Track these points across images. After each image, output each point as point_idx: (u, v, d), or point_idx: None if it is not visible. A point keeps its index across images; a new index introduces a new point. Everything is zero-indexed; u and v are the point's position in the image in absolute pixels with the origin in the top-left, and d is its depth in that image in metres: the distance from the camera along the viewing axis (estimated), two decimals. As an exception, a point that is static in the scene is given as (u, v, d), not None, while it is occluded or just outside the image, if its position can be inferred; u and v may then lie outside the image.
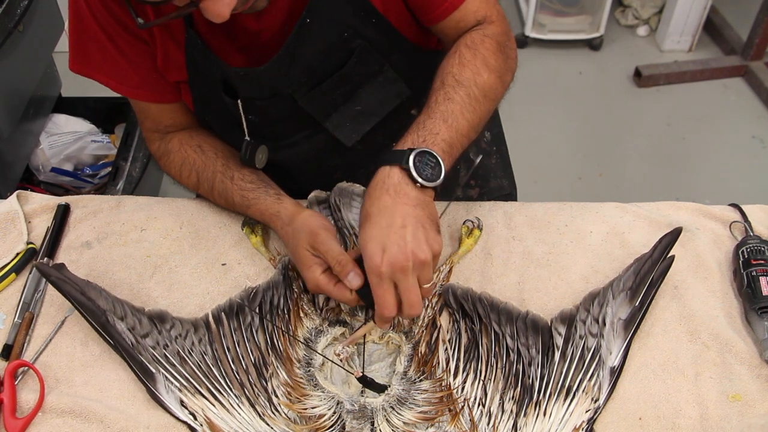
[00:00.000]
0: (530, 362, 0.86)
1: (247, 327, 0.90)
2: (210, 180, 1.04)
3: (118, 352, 0.87)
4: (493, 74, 0.93)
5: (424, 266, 0.80)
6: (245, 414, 0.82)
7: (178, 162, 1.08)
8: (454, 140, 0.88)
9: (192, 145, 1.07)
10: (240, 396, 0.83)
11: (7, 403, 0.85)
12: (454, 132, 0.88)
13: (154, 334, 0.89)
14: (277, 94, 1.00)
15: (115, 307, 0.90)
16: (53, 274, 0.92)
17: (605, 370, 0.85)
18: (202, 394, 0.83)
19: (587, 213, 1.06)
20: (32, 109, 1.86)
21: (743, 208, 1.04)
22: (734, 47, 2.87)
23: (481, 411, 0.82)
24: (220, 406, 0.82)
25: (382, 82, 1.02)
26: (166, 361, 0.86)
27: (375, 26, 0.97)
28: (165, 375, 0.85)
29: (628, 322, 0.88)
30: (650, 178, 2.50)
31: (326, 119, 1.03)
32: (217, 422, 0.81)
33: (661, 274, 0.92)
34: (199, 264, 1.02)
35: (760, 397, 0.84)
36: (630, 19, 3.10)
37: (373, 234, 0.81)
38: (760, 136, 2.63)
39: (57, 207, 1.09)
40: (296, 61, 0.96)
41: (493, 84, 0.93)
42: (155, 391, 0.84)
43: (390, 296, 0.80)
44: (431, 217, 0.82)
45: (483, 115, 0.92)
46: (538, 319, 0.90)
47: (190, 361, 0.86)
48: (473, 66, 0.92)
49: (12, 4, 1.66)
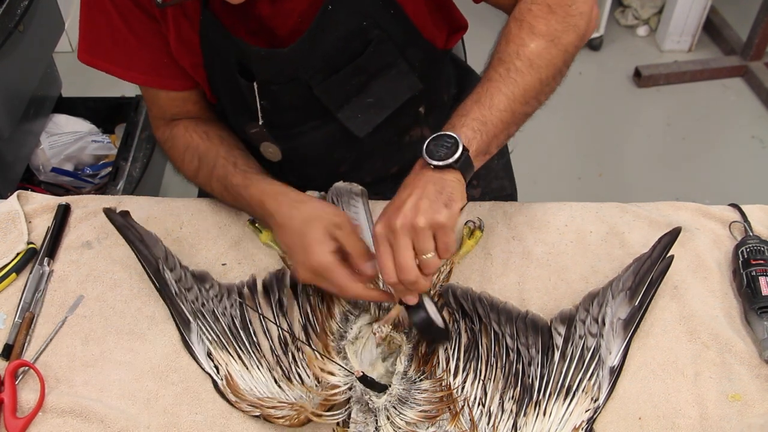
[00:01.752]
0: (530, 362, 0.86)
1: (276, 303, 0.94)
2: (211, 164, 1.03)
3: (163, 298, 0.95)
4: (542, 40, 0.90)
5: (417, 232, 0.79)
6: (262, 376, 0.87)
7: (181, 146, 1.07)
8: (488, 117, 0.87)
9: (198, 131, 1.07)
10: (260, 359, 0.88)
11: (7, 403, 0.85)
12: (487, 109, 0.87)
13: (195, 290, 0.96)
14: (294, 80, 1.00)
15: (168, 258, 0.99)
16: (118, 220, 1.03)
17: (605, 369, 0.85)
18: (228, 351, 0.89)
19: (587, 213, 1.06)
20: (32, 109, 1.86)
21: (743, 208, 1.04)
22: (734, 47, 2.87)
23: (480, 411, 0.82)
24: (242, 364, 0.88)
25: (396, 74, 1.02)
26: (201, 316, 0.92)
27: (393, 18, 0.98)
28: (199, 327, 0.92)
29: (627, 321, 0.88)
30: (650, 178, 2.49)
31: (339, 109, 1.03)
32: (236, 378, 0.86)
33: (661, 273, 0.92)
34: (199, 264, 1.02)
35: (760, 397, 0.84)
36: (630, 19, 3.09)
37: (386, 207, 0.83)
38: (760, 136, 2.63)
39: (57, 207, 1.09)
40: (316, 47, 0.96)
41: (541, 50, 0.90)
42: (188, 339, 0.91)
43: (386, 259, 0.81)
44: (441, 191, 0.81)
45: (530, 85, 0.89)
46: (537, 319, 0.90)
47: (221, 320, 0.92)
48: (518, 39, 0.90)
49: (12, 4, 1.66)
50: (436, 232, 0.80)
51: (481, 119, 0.87)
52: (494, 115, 0.87)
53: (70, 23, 2.76)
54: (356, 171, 1.13)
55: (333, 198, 1.06)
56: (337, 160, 1.12)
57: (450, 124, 0.87)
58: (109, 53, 1.02)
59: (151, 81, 1.06)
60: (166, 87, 1.07)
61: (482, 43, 1.11)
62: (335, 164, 1.12)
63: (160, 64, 1.03)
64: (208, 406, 0.86)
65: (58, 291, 1.00)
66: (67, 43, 2.86)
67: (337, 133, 1.06)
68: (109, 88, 2.57)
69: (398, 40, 1.00)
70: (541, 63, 0.89)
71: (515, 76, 0.89)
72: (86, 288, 1.00)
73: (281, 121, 1.06)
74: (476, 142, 0.85)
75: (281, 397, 0.85)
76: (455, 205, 0.81)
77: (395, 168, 1.16)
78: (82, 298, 0.98)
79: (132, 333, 0.94)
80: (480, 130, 0.86)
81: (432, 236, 0.80)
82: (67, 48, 2.88)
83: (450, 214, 0.80)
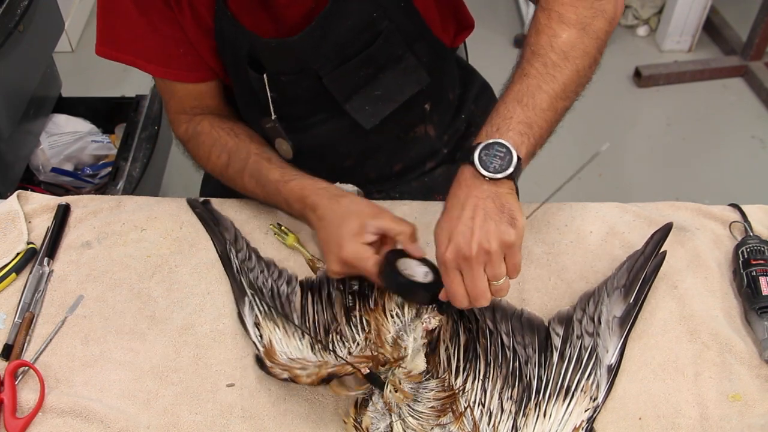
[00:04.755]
0: (527, 361, 0.86)
1: (326, 297, 0.96)
2: (243, 160, 1.03)
3: (226, 272, 1.00)
4: (573, 29, 0.88)
5: (491, 257, 0.78)
6: (299, 343, 0.90)
7: (209, 143, 1.07)
8: (533, 119, 0.84)
9: (224, 128, 1.07)
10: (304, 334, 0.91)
11: (7, 403, 0.85)
12: (531, 110, 0.84)
13: (256, 271, 1.00)
14: (304, 70, 1.00)
15: (237, 241, 1.04)
16: (198, 207, 1.09)
17: (602, 368, 0.85)
18: (275, 322, 0.92)
19: (587, 213, 1.06)
20: (32, 109, 1.86)
21: (743, 208, 1.04)
22: (734, 47, 2.87)
23: (481, 410, 0.82)
24: (284, 334, 0.91)
25: (404, 68, 1.02)
26: (258, 291, 0.96)
27: (403, 10, 0.98)
28: (252, 300, 0.94)
29: (623, 319, 0.88)
30: (650, 178, 2.49)
31: (347, 101, 1.03)
32: (276, 345, 0.89)
33: (654, 270, 0.92)
34: (199, 264, 1.02)
35: (760, 397, 0.84)
36: (630, 19, 3.09)
37: (443, 225, 0.82)
38: (760, 136, 2.63)
39: (57, 207, 1.09)
40: (327, 36, 0.96)
41: (574, 40, 0.87)
42: (240, 310, 0.94)
43: (457, 286, 0.80)
44: (502, 209, 0.80)
45: (569, 78, 0.87)
46: (533, 318, 0.91)
47: (276, 300, 0.96)
48: (549, 29, 0.88)
49: (12, 4, 1.66)
50: (506, 253, 0.79)
51: (527, 121, 0.83)
52: (539, 116, 0.84)
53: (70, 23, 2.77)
54: (360, 166, 1.13)
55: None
56: (343, 155, 1.12)
57: (493, 126, 0.84)
58: (127, 45, 1.02)
59: (170, 74, 1.05)
60: (182, 79, 1.06)
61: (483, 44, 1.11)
62: (341, 158, 1.12)
63: (176, 55, 1.03)
64: (208, 406, 0.86)
65: (57, 291, 1.00)
66: (67, 43, 2.87)
67: (344, 126, 1.06)
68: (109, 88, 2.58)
69: (407, 34, 1.00)
70: (576, 54, 0.87)
71: (553, 71, 0.86)
72: (86, 288, 1.00)
73: (290, 114, 1.06)
74: (525, 147, 0.83)
75: (311, 360, 0.86)
76: (519, 221, 0.79)
77: (399, 165, 1.16)
78: (81, 298, 0.98)
79: (132, 333, 0.94)
80: (527, 133, 0.83)
81: (503, 258, 0.79)
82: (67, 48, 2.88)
83: (517, 233, 0.78)
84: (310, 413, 0.85)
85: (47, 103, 2.00)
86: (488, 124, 0.84)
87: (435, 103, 1.12)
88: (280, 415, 0.85)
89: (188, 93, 1.09)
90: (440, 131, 1.16)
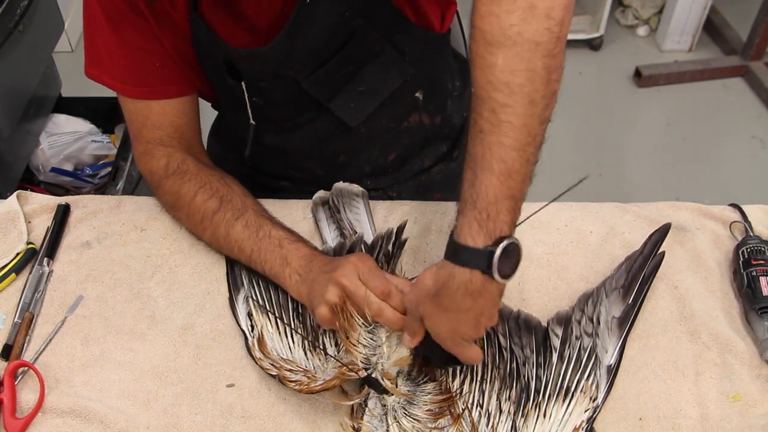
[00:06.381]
0: (524, 362, 0.86)
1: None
2: (238, 210, 0.98)
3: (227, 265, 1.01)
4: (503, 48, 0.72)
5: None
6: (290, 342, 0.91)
7: (195, 184, 1.00)
8: (512, 184, 0.74)
9: (214, 174, 1.02)
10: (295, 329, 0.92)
11: (7, 403, 0.85)
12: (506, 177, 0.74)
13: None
14: (280, 76, 0.99)
15: None
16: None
17: (602, 368, 0.85)
18: (268, 316, 0.93)
19: (587, 213, 1.06)
20: (32, 109, 1.86)
21: (743, 208, 1.03)
22: (734, 47, 2.87)
23: (479, 412, 0.82)
24: (275, 329, 0.92)
25: (385, 62, 1.01)
26: (256, 284, 0.97)
27: (374, 4, 0.96)
28: (249, 292, 0.96)
29: (622, 319, 0.88)
30: (650, 178, 2.50)
31: (330, 101, 1.02)
32: (267, 339, 0.90)
33: (653, 270, 0.92)
34: (199, 264, 1.02)
35: (760, 398, 0.84)
36: (630, 19, 3.09)
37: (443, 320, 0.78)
38: (760, 136, 2.63)
39: (57, 207, 1.09)
40: (298, 43, 0.95)
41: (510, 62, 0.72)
42: (234, 299, 0.96)
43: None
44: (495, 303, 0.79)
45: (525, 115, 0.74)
46: (530, 319, 0.90)
47: (272, 294, 0.96)
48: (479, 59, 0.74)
49: (12, 4, 1.66)
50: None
51: (509, 194, 0.74)
52: (517, 179, 0.74)
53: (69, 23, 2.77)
54: (354, 160, 1.12)
55: (334, 198, 1.06)
56: (334, 151, 1.11)
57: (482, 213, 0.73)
58: (107, 67, 1.01)
59: (143, 92, 1.03)
60: (158, 96, 1.03)
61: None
62: (333, 155, 1.12)
63: (151, 69, 1.01)
64: (208, 406, 0.86)
65: (57, 291, 1.00)
66: (67, 43, 2.87)
67: (331, 124, 1.06)
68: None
69: (384, 27, 0.98)
70: (520, 80, 0.72)
71: (505, 116, 0.73)
72: (86, 288, 1.00)
73: (276, 116, 1.06)
74: (516, 217, 0.76)
75: (300, 363, 0.86)
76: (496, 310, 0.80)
77: (393, 155, 1.15)
78: (81, 298, 0.98)
79: (132, 333, 0.94)
80: (514, 208, 0.75)
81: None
82: (67, 48, 2.88)
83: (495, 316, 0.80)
84: (310, 414, 0.85)
85: (47, 103, 1.99)
86: (470, 208, 0.74)
87: (428, 91, 1.10)
88: (280, 415, 0.85)
89: (165, 113, 1.04)
90: (438, 119, 1.14)
